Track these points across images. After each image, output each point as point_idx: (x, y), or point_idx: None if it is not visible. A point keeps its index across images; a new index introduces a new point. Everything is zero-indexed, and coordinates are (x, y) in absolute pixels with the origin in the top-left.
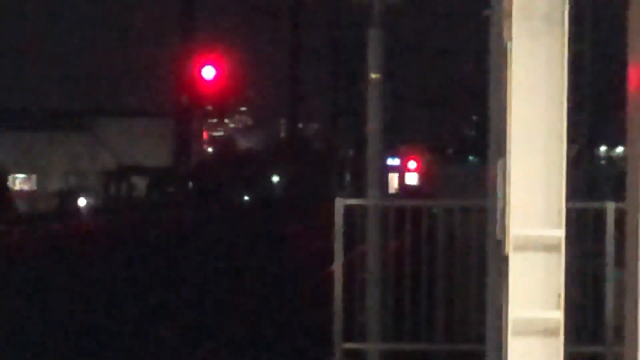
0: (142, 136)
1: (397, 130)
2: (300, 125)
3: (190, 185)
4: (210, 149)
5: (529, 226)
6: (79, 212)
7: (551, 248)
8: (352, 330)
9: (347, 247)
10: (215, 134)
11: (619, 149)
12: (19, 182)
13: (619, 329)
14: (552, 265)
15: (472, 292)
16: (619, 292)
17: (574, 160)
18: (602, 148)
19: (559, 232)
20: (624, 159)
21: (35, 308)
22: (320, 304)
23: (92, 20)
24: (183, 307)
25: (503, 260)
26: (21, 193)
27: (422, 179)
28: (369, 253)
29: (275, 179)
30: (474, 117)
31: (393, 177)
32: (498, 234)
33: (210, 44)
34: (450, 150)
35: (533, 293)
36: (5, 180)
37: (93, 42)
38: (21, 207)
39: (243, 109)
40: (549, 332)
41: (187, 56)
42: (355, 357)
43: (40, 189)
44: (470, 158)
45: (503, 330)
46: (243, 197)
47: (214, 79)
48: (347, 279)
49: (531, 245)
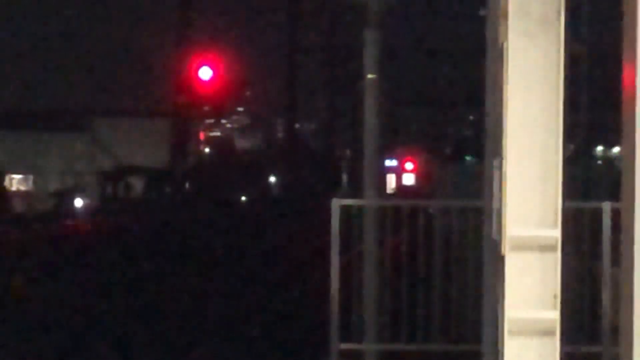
0: (139, 136)
1: (394, 131)
2: (297, 126)
3: (187, 185)
4: (207, 149)
5: (525, 226)
6: (75, 213)
7: (547, 248)
8: (349, 330)
9: (344, 247)
10: (212, 134)
11: (616, 149)
12: (15, 182)
13: (615, 329)
14: (549, 265)
15: (468, 292)
16: (616, 292)
17: (570, 160)
18: (599, 148)
19: (556, 232)
20: (620, 158)
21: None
22: (317, 303)
23: (89, 20)
24: (177, 306)
25: (499, 260)
26: (18, 193)
27: (418, 179)
28: (365, 253)
29: (272, 179)
30: (471, 117)
31: (391, 177)
32: (494, 234)
33: (207, 45)
34: (447, 151)
35: (529, 293)
36: (2, 180)
37: (90, 42)
38: (18, 207)
39: (240, 109)
40: (546, 332)
41: (184, 57)
42: (352, 357)
43: (37, 189)
44: (467, 158)
45: (499, 330)
46: (240, 197)
47: (211, 79)
48: (344, 279)
49: (527, 246)
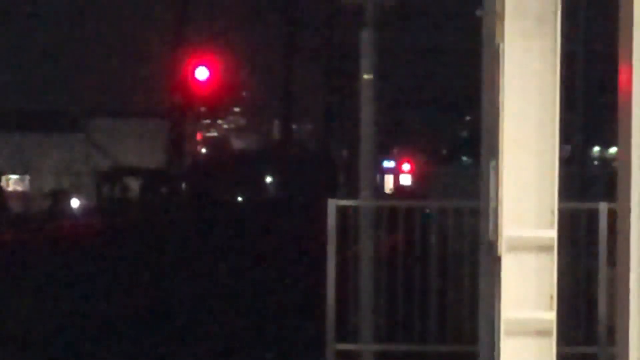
0: (136, 137)
1: (390, 132)
2: (294, 126)
3: (183, 186)
4: (203, 150)
5: (522, 227)
6: (71, 213)
7: (544, 249)
8: (345, 331)
9: (340, 247)
10: (209, 134)
11: (613, 150)
12: (12, 182)
13: (611, 330)
14: (545, 265)
15: (465, 293)
16: (612, 292)
17: (566, 160)
18: (596, 148)
19: (552, 233)
20: (616, 159)
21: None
22: (313, 304)
23: (85, 20)
24: (171, 309)
25: (496, 260)
26: (14, 193)
27: (415, 180)
28: (361, 253)
29: (269, 179)
30: (467, 118)
31: (389, 178)
32: (491, 235)
33: (203, 45)
34: (444, 152)
35: (526, 294)
36: None
37: (86, 43)
38: (14, 207)
39: (237, 109)
40: (542, 333)
41: (181, 57)
42: (348, 357)
43: (34, 189)
44: (464, 159)
45: (496, 331)
46: (236, 197)
47: (207, 80)
48: (340, 280)
49: (524, 246)
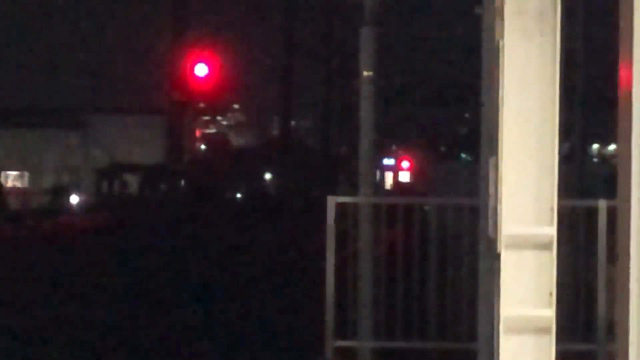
0: (135, 133)
1: (390, 130)
2: (293, 123)
3: (183, 182)
4: (203, 147)
5: (521, 224)
6: (70, 210)
7: (543, 246)
8: (344, 327)
9: (340, 244)
10: (208, 131)
11: (612, 147)
12: (11, 179)
13: (611, 327)
14: (544, 263)
15: (464, 290)
16: (611, 290)
17: (566, 157)
18: (595, 146)
19: (551, 230)
20: (615, 156)
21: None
22: (312, 301)
23: (84, 17)
24: (169, 306)
25: (495, 258)
26: (13, 190)
27: (414, 177)
28: (360, 250)
29: (267, 176)
30: (467, 115)
31: (389, 175)
32: (490, 232)
33: (202, 41)
34: (443, 149)
35: (525, 291)
36: None
37: (86, 39)
38: (13, 204)
39: (236, 106)
40: (541, 330)
41: (180, 53)
42: (347, 354)
43: (33, 186)
44: (463, 156)
45: (495, 328)
46: (235, 194)
47: (207, 76)
48: (339, 277)
49: (523, 243)
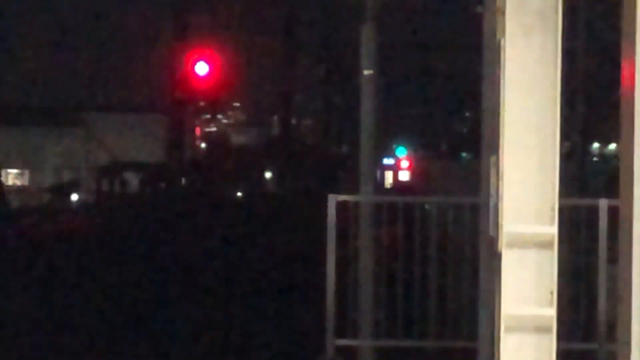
0: (136, 132)
1: (390, 129)
2: (293, 122)
3: (183, 181)
4: (203, 145)
5: (522, 223)
6: (70, 208)
7: (544, 245)
8: (345, 326)
9: (340, 243)
10: (209, 129)
11: (612, 146)
12: (11, 177)
13: (612, 327)
14: (545, 262)
15: (465, 289)
16: (612, 289)
17: (567, 156)
18: (595, 145)
19: (552, 229)
20: (617, 155)
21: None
22: (312, 300)
23: (85, 15)
24: (168, 305)
25: (496, 256)
26: (14, 188)
27: (413, 176)
28: (361, 249)
29: (268, 174)
30: (467, 114)
31: (389, 174)
32: (491, 231)
33: (203, 40)
34: (443, 147)
35: (526, 290)
36: None
37: (86, 38)
38: (13, 202)
39: (236, 104)
40: (542, 329)
41: (180, 52)
42: (348, 353)
43: (33, 184)
44: (463, 155)
45: (495, 327)
46: (236, 192)
47: (207, 74)
48: (340, 275)
49: (524, 242)
